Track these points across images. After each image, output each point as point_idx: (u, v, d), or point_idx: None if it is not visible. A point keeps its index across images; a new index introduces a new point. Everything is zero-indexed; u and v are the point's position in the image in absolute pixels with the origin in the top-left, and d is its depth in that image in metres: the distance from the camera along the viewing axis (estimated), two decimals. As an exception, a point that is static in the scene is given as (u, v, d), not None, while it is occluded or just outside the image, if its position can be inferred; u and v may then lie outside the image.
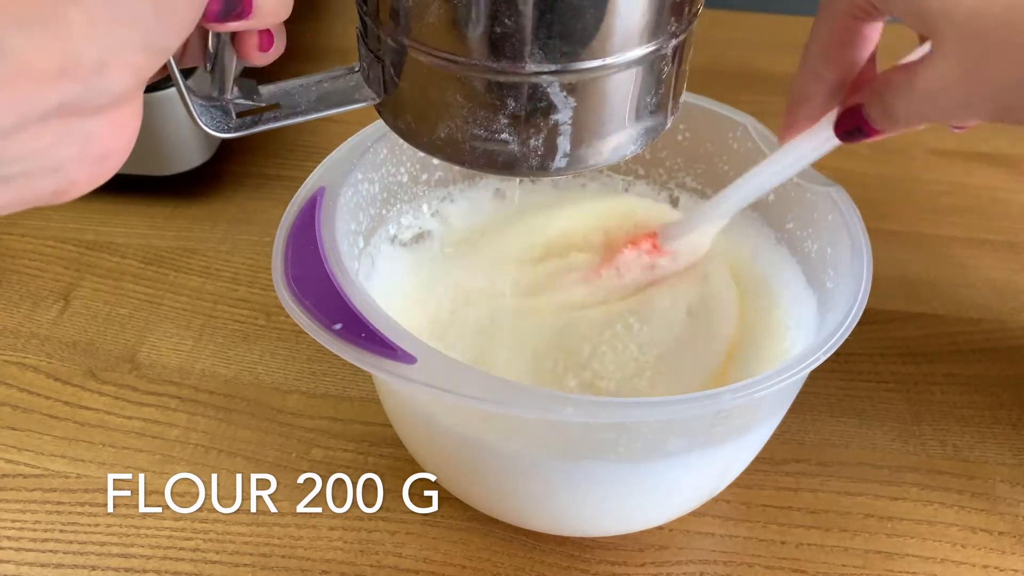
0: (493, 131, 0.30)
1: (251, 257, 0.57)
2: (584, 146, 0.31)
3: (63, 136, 0.23)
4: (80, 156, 0.24)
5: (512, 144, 0.30)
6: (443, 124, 0.30)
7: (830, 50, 0.37)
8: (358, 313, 0.33)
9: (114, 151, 0.25)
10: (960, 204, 0.63)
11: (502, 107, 0.29)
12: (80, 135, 0.23)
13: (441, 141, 0.31)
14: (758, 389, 0.32)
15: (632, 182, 0.50)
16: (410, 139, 0.32)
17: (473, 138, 0.30)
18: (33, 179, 0.23)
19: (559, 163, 0.31)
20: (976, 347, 0.53)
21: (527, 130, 0.30)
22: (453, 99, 0.30)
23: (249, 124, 0.31)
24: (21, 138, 0.22)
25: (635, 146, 0.32)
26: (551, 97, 0.29)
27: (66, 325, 0.52)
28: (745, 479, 0.43)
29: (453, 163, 0.32)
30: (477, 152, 0.31)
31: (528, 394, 0.32)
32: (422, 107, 0.31)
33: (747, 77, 0.74)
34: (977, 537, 0.43)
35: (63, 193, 0.25)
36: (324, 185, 0.39)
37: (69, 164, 0.24)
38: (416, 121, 0.31)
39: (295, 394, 0.49)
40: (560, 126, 0.30)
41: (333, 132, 0.67)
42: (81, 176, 0.25)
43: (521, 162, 0.31)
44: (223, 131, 0.30)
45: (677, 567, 0.42)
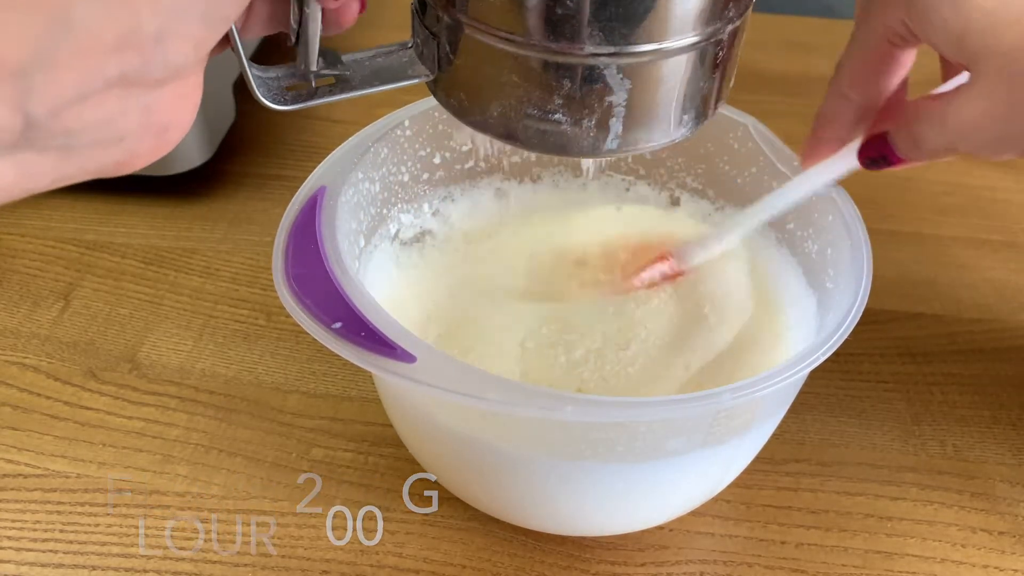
0: (547, 111, 0.30)
1: (251, 257, 0.57)
2: (636, 128, 0.31)
3: (124, 108, 0.23)
4: (142, 128, 0.24)
5: (565, 125, 0.30)
6: (496, 103, 0.30)
7: (861, 74, 0.36)
8: (358, 312, 0.33)
9: (175, 123, 0.25)
10: (960, 204, 0.63)
11: (557, 88, 0.29)
12: (141, 107, 0.23)
13: (494, 120, 0.31)
14: (758, 389, 0.32)
15: (633, 182, 0.50)
16: (462, 116, 0.32)
17: (527, 117, 0.30)
18: (97, 150, 0.23)
19: (610, 144, 0.31)
20: (976, 347, 0.53)
21: (581, 111, 0.30)
22: (508, 78, 0.30)
23: (305, 97, 0.31)
24: (84, 108, 0.22)
25: (685, 130, 0.32)
26: (607, 79, 0.29)
27: (66, 325, 0.52)
28: (745, 479, 0.43)
29: (505, 141, 0.32)
30: (530, 132, 0.31)
31: (527, 393, 0.32)
32: (476, 85, 0.31)
33: (747, 77, 0.74)
34: (977, 537, 0.43)
35: (126, 164, 0.25)
36: (325, 184, 0.39)
37: (131, 136, 0.24)
38: (469, 99, 0.31)
39: (295, 394, 0.49)
40: (614, 108, 0.30)
41: (333, 132, 0.68)
42: (143, 148, 0.25)
43: (573, 143, 0.31)
44: (281, 104, 0.31)
45: (677, 567, 0.42)
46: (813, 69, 0.73)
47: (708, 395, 0.32)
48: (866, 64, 0.36)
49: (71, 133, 0.22)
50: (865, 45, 0.35)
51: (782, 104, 0.69)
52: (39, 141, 0.22)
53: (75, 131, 0.22)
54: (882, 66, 0.35)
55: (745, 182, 0.46)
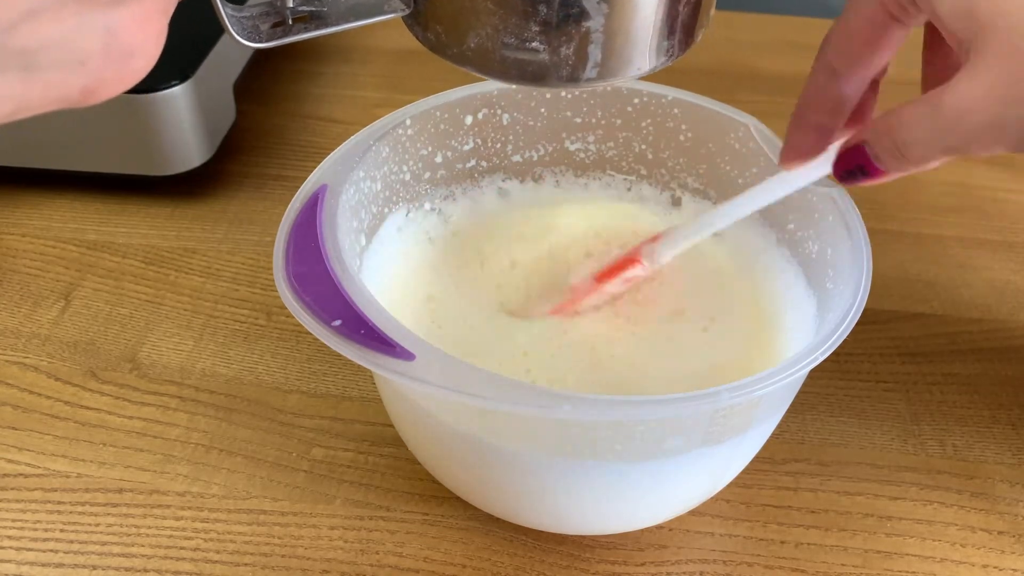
0: (524, 39, 0.29)
1: (252, 257, 0.57)
2: (615, 56, 0.30)
3: (82, 26, 0.23)
4: (104, 51, 0.24)
5: (543, 53, 0.30)
6: (473, 33, 0.30)
7: (851, 44, 0.34)
8: (358, 310, 0.33)
9: (140, 49, 0.25)
10: (960, 204, 0.63)
11: (533, 14, 0.29)
12: (101, 27, 0.23)
13: (471, 52, 0.31)
14: (757, 388, 0.32)
15: (634, 182, 0.50)
16: (439, 51, 0.32)
17: (504, 47, 0.30)
18: (59, 73, 0.23)
19: (589, 73, 0.30)
20: (975, 347, 0.53)
21: (558, 38, 0.29)
22: (483, 6, 0.29)
23: (280, 34, 0.31)
24: (39, 24, 0.22)
25: (666, 58, 0.32)
26: (583, 3, 0.29)
27: (67, 325, 0.52)
28: (745, 479, 0.43)
29: (483, 74, 0.31)
30: (508, 62, 0.30)
31: (525, 391, 0.32)
32: (452, 16, 0.31)
33: (747, 77, 0.74)
34: (976, 537, 0.43)
35: (92, 92, 0.25)
36: (326, 183, 0.39)
37: (94, 59, 0.24)
38: (446, 32, 0.31)
39: (295, 394, 0.49)
40: (592, 34, 0.29)
41: (334, 132, 0.68)
42: (108, 73, 0.24)
43: (552, 72, 0.30)
44: (255, 41, 0.30)
45: (677, 566, 0.42)
46: (813, 70, 0.73)
47: (707, 394, 0.32)
48: (859, 33, 0.34)
49: (28, 52, 0.22)
50: (859, 12, 0.33)
51: (782, 104, 0.68)
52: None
53: (32, 49, 0.22)
54: (873, 37, 0.33)
55: (746, 182, 0.46)
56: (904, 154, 0.31)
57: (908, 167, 0.32)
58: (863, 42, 0.34)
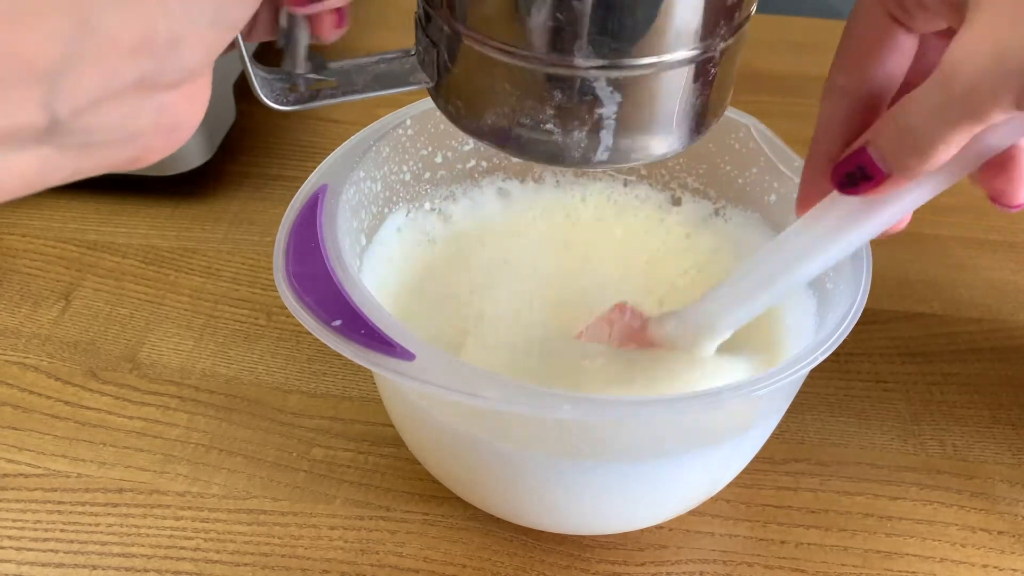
0: (539, 121, 0.30)
1: (252, 257, 0.57)
2: (627, 141, 0.31)
3: (140, 108, 0.24)
4: (155, 127, 0.25)
5: (556, 135, 0.31)
6: (491, 111, 0.31)
7: (853, 56, 0.32)
8: (357, 310, 0.33)
9: (185, 122, 0.26)
10: (960, 204, 0.63)
11: (549, 98, 0.30)
12: (155, 107, 0.25)
13: (488, 127, 0.32)
14: (757, 388, 0.32)
15: (634, 182, 0.50)
16: (459, 123, 0.33)
17: (519, 126, 0.31)
18: (113, 147, 0.25)
19: (601, 156, 0.31)
20: (975, 347, 0.53)
21: (571, 122, 0.30)
22: (502, 88, 0.30)
23: (307, 98, 0.32)
24: (103, 109, 0.23)
25: (678, 144, 0.32)
26: (597, 92, 0.29)
27: (67, 325, 0.52)
28: (745, 478, 0.43)
29: (498, 148, 0.32)
30: (523, 140, 0.31)
31: (525, 392, 0.32)
32: (472, 93, 0.32)
33: (747, 77, 0.74)
34: (976, 536, 0.44)
35: (138, 160, 0.26)
36: (326, 183, 0.39)
37: (145, 134, 0.25)
38: (466, 107, 0.32)
39: (296, 394, 0.49)
40: (604, 120, 0.30)
41: (334, 132, 0.68)
42: (155, 145, 0.26)
43: (564, 153, 0.31)
44: (283, 104, 0.32)
45: (677, 566, 0.42)
46: (813, 69, 0.73)
47: (707, 394, 0.32)
48: (863, 41, 0.31)
49: (90, 131, 0.23)
50: (860, 19, 0.31)
51: (782, 104, 0.69)
52: (61, 138, 0.23)
53: (94, 130, 0.24)
54: (878, 44, 0.31)
55: (746, 182, 0.46)
56: (909, 141, 0.28)
57: (913, 160, 0.29)
58: (868, 51, 0.32)
